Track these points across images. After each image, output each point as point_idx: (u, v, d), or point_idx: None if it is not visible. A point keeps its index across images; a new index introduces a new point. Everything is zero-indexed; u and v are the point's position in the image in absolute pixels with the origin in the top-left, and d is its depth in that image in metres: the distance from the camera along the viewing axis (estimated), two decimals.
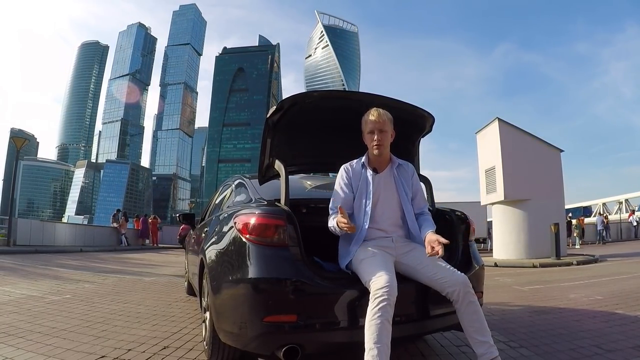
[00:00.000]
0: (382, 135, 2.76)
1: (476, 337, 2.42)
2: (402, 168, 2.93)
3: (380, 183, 2.82)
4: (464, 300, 2.42)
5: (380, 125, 2.75)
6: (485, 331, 2.42)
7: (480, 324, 2.43)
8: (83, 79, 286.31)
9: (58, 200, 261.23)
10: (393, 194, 2.84)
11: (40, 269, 9.48)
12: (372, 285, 2.30)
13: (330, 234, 2.75)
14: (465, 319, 2.44)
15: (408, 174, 2.93)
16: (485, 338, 2.41)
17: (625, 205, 37.13)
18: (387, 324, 2.21)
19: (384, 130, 2.76)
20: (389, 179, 2.86)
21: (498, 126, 13.25)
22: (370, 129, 2.77)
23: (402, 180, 2.88)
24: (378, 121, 2.75)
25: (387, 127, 2.78)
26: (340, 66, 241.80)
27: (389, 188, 2.84)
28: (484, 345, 2.39)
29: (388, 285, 2.25)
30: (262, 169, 3.21)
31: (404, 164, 2.96)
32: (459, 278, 2.45)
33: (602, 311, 4.75)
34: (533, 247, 12.74)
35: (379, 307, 2.21)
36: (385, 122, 2.77)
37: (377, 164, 2.86)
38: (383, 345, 2.19)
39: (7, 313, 4.60)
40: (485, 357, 2.37)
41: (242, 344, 2.54)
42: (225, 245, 2.79)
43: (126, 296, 6.05)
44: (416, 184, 2.97)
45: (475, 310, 2.44)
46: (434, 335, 3.65)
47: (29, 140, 40.98)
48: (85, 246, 19.30)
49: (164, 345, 3.46)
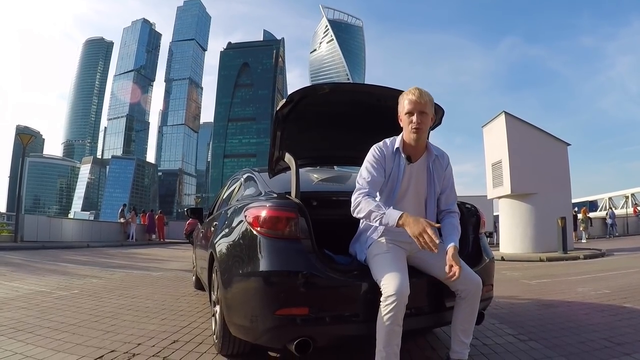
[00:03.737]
0: (422, 117, 2.47)
1: (460, 337, 2.50)
2: (438, 160, 2.66)
3: (412, 174, 2.59)
4: (469, 301, 2.43)
5: (421, 107, 2.46)
6: (469, 334, 2.52)
7: (470, 325, 2.50)
8: (88, 76, 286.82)
9: (64, 197, 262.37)
10: (422, 188, 2.63)
11: (47, 265, 9.51)
12: (382, 288, 2.26)
13: (340, 227, 2.74)
14: (460, 317, 2.47)
15: (442, 167, 2.67)
16: (467, 340, 2.51)
17: (632, 199, 36.92)
18: (396, 328, 2.21)
19: (424, 112, 2.48)
20: (422, 171, 2.62)
21: (505, 120, 13.20)
22: (409, 109, 2.48)
23: (435, 175, 2.63)
24: (419, 101, 2.47)
25: (428, 109, 2.50)
26: (346, 61, 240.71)
27: (419, 182, 2.62)
28: (462, 346, 2.51)
29: (396, 293, 2.18)
30: (272, 162, 3.20)
31: (440, 155, 2.68)
32: (474, 279, 2.44)
33: (611, 305, 4.74)
34: (540, 241, 12.71)
35: (389, 314, 2.19)
36: (427, 103, 2.49)
37: (412, 152, 2.59)
38: (392, 347, 2.23)
39: (15, 308, 4.61)
40: (457, 355, 2.50)
41: (254, 337, 2.54)
42: (236, 239, 2.78)
43: (134, 291, 6.07)
44: (448, 177, 2.70)
45: (472, 312, 2.47)
46: (443, 328, 3.65)
47: (35, 137, 40.92)
48: (92, 242, 19.34)
49: (173, 339, 3.46)
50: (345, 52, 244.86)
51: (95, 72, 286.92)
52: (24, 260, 10.33)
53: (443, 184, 2.68)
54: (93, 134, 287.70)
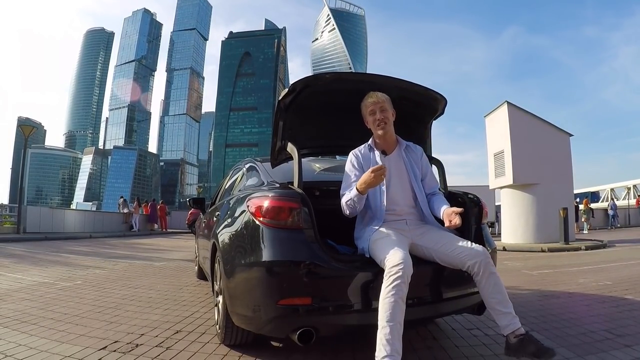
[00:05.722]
0: (383, 114, 2.76)
1: (499, 309, 2.39)
2: (410, 149, 2.92)
3: (391, 164, 2.76)
4: (485, 272, 2.39)
5: (381, 104, 2.76)
6: (507, 302, 2.40)
7: (502, 295, 2.40)
8: (89, 67, 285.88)
9: (66, 187, 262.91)
10: (403, 175, 2.83)
11: (50, 256, 9.56)
12: (386, 263, 2.28)
13: (342, 217, 2.74)
14: (487, 290, 2.41)
15: (417, 155, 2.93)
16: (507, 309, 2.39)
17: (634, 191, 36.90)
18: (400, 302, 2.19)
19: (384, 109, 2.76)
20: (398, 160, 2.85)
21: (507, 110, 13.13)
22: (371, 109, 2.78)
23: (412, 161, 2.88)
24: (377, 101, 2.77)
25: (387, 106, 2.79)
26: (347, 50, 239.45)
27: (399, 169, 2.83)
28: (507, 316, 2.38)
29: (402, 262, 2.22)
30: (274, 152, 3.19)
31: (411, 145, 2.96)
32: (478, 250, 2.44)
33: (612, 296, 4.74)
34: (541, 232, 12.70)
35: (393, 285, 2.19)
36: (384, 101, 2.78)
37: (384, 146, 2.84)
38: (396, 323, 2.18)
39: (19, 300, 4.63)
40: (509, 328, 2.36)
41: (256, 327, 2.55)
42: (238, 229, 2.79)
43: (137, 281, 6.09)
44: (426, 165, 2.97)
45: (496, 282, 2.41)
46: (445, 318, 3.66)
47: (36, 128, 40.97)
48: (94, 232, 19.44)
49: (176, 329, 3.48)
50: (347, 41, 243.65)
51: (97, 63, 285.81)
52: (26, 252, 10.39)
53: (422, 171, 2.93)
54: (95, 124, 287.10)
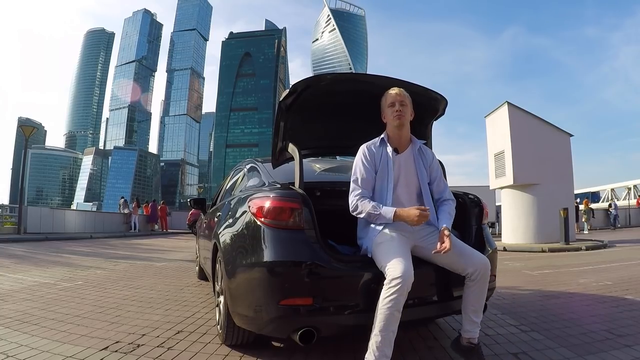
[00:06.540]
0: (403, 107, 2.71)
1: (471, 317, 2.54)
2: (422, 151, 2.87)
3: (401, 163, 2.74)
4: (479, 282, 2.47)
5: (402, 98, 2.72)
6: (480, 313, 2.56)
7: (480, 305, 2.54)
8: (89, 67, 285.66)
9: (67, 188, 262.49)
10: (412, 175, 2.77)
11: (51, 256, 9.56)
12: (387, 273, 2.30)
13: (343, 217, 2.75)
14: (470, 297, 2.51)
15: (428, 157, 2.87)
16: (477, 319, 2.55)
17: (634, 191, 36.89)
18: (396, 313, 2.23)
19: (404, 103, 2.72)
20: (409, 159, 2.79)
21: (507, 110, 13.12)
22: (391, 101, 2.73)
23: (423, 162, 2.82)
24: (399, 94, 2.73)
25: (407, 101, 2.75)
26: (348, 50, 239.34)
27: (409, 169, 2.77)
28: (474, 325, 2.54)
29: (402, 276, 2.23)
30: (276, 153, 3.20)
31: (425, 148, 2.91)
32: (481, 259, 2.50)
33: (612, 296, 4.75)
34: (542, 232, 12.70)
35: (390, 297, 2.22)
36: (406, 97, 2.75)
37: (397, 143, 2.78)
38: (389, 332, 2.24)
39: (20, 300, 4.63)
40: (469, 334, 2.54)
41: (258, 327, 2.56)
42: (240, 229, 2.79)
43: (138, 281, 6.10)
44: (436, 168, 2.89)
45: (482, 292, 2.51)
46: (446, 318, 3.67)
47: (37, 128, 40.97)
48: (95, 232, 19.41)
49: (177, 329, 3.49)
50: (348, 42, 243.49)
51: (97, 63, 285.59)
52: (27, 252, 10.39)
53: (432, 175, 2.85)
54: (95, 124, 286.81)
